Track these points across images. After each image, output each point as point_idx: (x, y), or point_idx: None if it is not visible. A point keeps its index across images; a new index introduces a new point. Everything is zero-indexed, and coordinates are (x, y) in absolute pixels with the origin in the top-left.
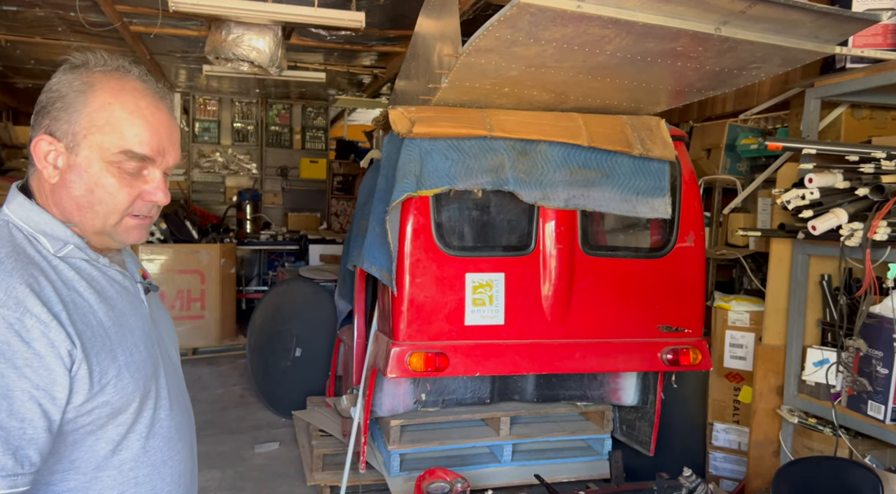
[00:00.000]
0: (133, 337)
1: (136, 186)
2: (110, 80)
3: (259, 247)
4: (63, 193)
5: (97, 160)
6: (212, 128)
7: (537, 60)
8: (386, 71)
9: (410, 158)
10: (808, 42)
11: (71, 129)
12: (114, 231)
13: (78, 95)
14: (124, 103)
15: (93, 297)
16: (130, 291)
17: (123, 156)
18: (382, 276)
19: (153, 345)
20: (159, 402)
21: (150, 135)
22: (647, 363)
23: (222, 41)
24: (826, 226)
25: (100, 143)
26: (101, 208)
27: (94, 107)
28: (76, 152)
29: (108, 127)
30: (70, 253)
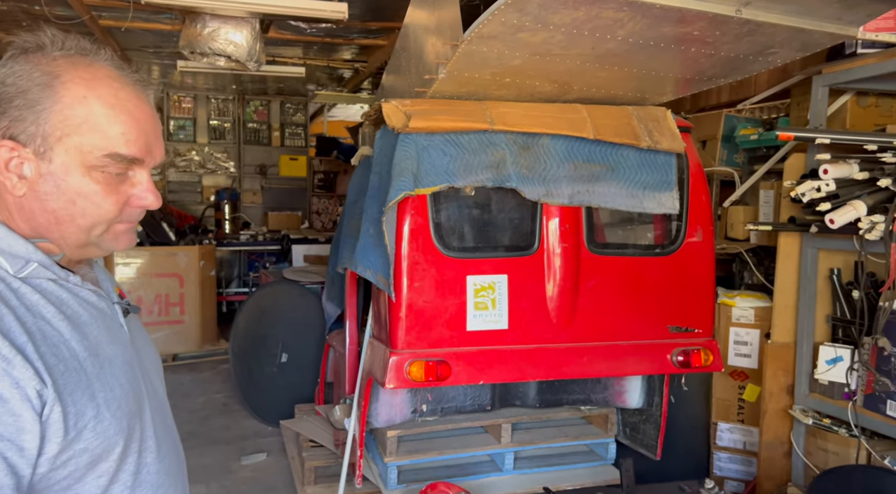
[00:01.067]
0: (112, 369)
1: (123, 191)
2: (78, 67)
3: (239, 247)
4: (35, 207)
5: (76, 166)
6: (187, 126)
7: (543, 48)
8: (367, 65)
9: (406, 155)
10: (830, 24)
11: (39, 131)
12: (101, 240)
13: (42, 89)
14: (102, 96)
15: (63, 324)
16: (107, 314)
17: (109, 159)
18: (378, 281)
19: (136, 377)
20: (144, 444)
21: (136, 133)
22: (656, 365)
23: (197, 35)
24: (845, 219)
25: (78, 146)
26: (85, 220)
27: (67, 103)
28: (48, 158)
29: (87, 126)
30: (33, 273)
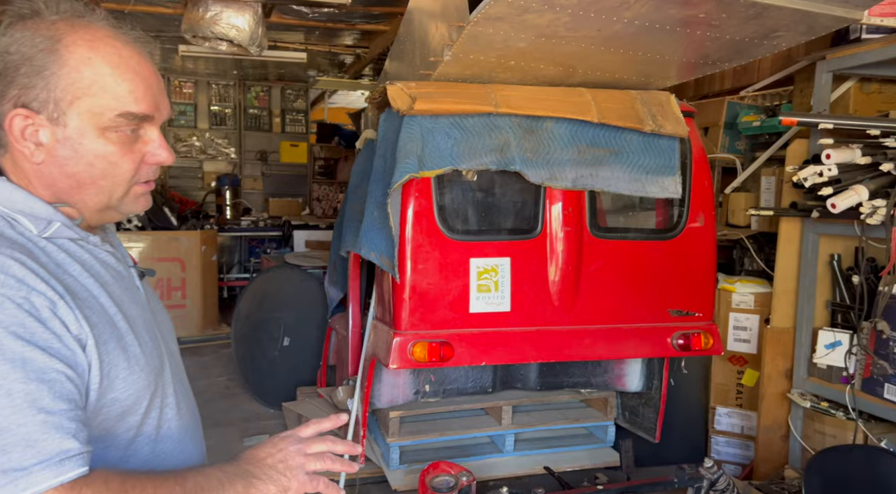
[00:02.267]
0: (136, 327)
1: (137, 150)
2: (78, 30)
3: (240, 233)
4: (55, 172)
5: (91, 128)
6: (188, 111)
7: (549, 30)
8: (369, 51)
9: (411, 137)
10: (837, 7)
11: (51, 97)
12: (120, 203)
13: (47, 54)
14: (106, 56)
15: (90, 281)
16: (125, 276)
17: (122, 119)
18: (383, 263)
19: (156, 337)
20: (166, 400)
21: (144, 90)
22: (657, 348)
23: (200, 19)
24: (847, 204)
25: (90, 109)
26: (106, 182)
27: (73, 66)
28: (63, 123)
29: (96, 87)
30: (57, 233)
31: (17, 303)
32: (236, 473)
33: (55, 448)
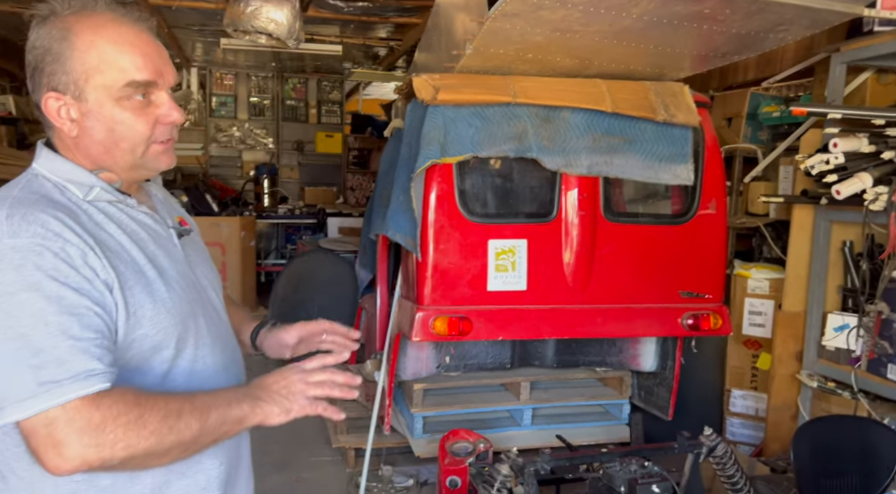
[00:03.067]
0: (166, 277)
1: (150, 113)
2: (83, 18)
3: (277, 220)
4: (87, 141)
5: (106, 99)
6: (228, 102)
7: (563, 24)
8: (402, 43)
9: (434, 125)
10: (837, 2)
11: (71, 79)
12: (144, 161)
13: (62, 43)
14: (107, 36)
15: (124, 238)
16: (162, 235)
17: (129, 88)
18: (406, 243)
19: (189, 287)
20: (200, 341)
21: (143, 60)
22: (667, 328)
23: (241, 13)
24: (850, 191)
25: (102, 83)
26: (126, 143)
27: (82, 49)
28: (84, 98)
29: (104, 64)
30: (98, 196)
31: (55, 252)
32: (244, 395)
33: (82, 367)
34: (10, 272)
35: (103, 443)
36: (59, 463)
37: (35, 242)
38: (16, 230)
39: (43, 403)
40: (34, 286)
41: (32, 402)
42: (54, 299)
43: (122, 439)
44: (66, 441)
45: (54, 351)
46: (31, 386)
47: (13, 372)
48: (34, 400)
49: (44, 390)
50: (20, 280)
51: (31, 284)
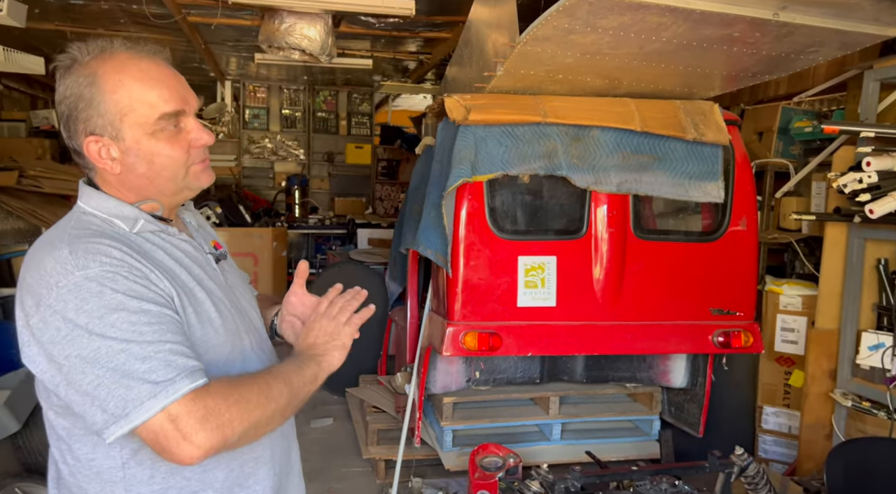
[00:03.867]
0: (213, 298)
1: (183, 139)
2: (105, 61)
3: (308, 230)
4: (131, 177)
5: (142, 135)
6: (261, 115)
7: (593, 48)
8: (431, 56)
9: (465, 145)
10: (868, 25)
11: (107, 120)
12: (187, 182)
13: (91, 89)
14: (132, 74)
15: (172, 263)
16: (201, 259)
17: (162, 120)
18: (437, 259)
19: (231, 307)
20: (246, 358)
21: (169, 92)
22: (697, 345)
23: (275, 30)
24: (884, 210)
25: (136, 120)
26: (168, 172)
27: (111, 91)
28: (122, 137)
29: (135, 102)
30: (143, 228)
31: (125, 276)
32: (304, 358)
33: (185, 364)
34: (92, 300)
35: (222, 424)
36: (192, 452)
37: (105, 270)
38: (84, 263)
39: (163, 401)
40: (119, 306)
41: (153, 403)
42: (140, 313)
43: (237, 417)
44: (192, 430)
45: (158, 355)
46: (148, 389)
47: (126, 383)
48: (154, 401)
49: (160, 389)
50: (104, 304)
51: (116, 305)
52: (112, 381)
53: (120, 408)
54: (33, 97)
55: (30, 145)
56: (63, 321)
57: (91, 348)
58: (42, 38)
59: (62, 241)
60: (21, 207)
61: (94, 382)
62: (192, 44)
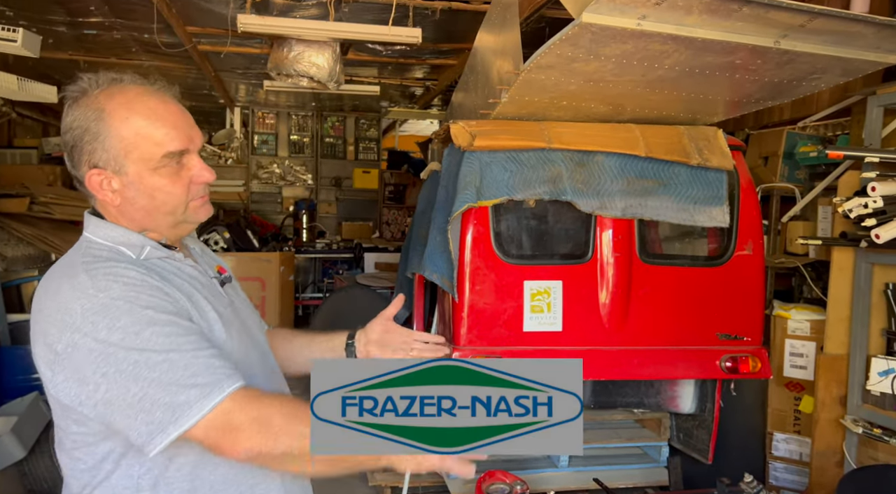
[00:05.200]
0: (223, 321)
1: (184, 176)
2: (114, 95)
3: (315, 255)
4: (129, 209)
5: (144, 171)
6: (269, 140)
7: (596, 75)
8: (438, 83)
9: (471, 170)
10: (869, 53)
11: (111, 155)
12: (186, 217)
13: (98, 123)
14: (139, 111)
15: (185, 285)
16: (208, 285)
17: (166, 158)
18: (443, 283)
19: (241, 330)
20: (255, 380)
21: (175, 131)
22: (705, 370)
23: (284, 58)
24: (890, 235)
25: (140, 157)
26: (167, 207)
27: (117, 127)
28: (124, 172)
29: (140, 138)
30: (149, 254)
31: (149, 293)
32: None
33: (224, 367)
34: (124, 317)
35: (269, 432)
36: (236, 446)
37: (128, 289)
38: (105, 285)
39: (214, 399)
40: (151, 321)
41: (205, 402)
42: (172, 325)
43: (284, 432)
44: (241, 426)
45: (197, 361)
46: (196, 392)
47: (173, 390)
48: (205, 400)
49: (209, 390)
50: (137, 320)
51: (148, 320)
52: (158, 390)
53: (169, 414)
54: (45, 124)
55: (41, 172)
56: (95, 342)
57: (129, 362)
58: (55, 67)
59: (76, 270)
60: (32, 233)
61: (137, 394)
62: (202, 72)
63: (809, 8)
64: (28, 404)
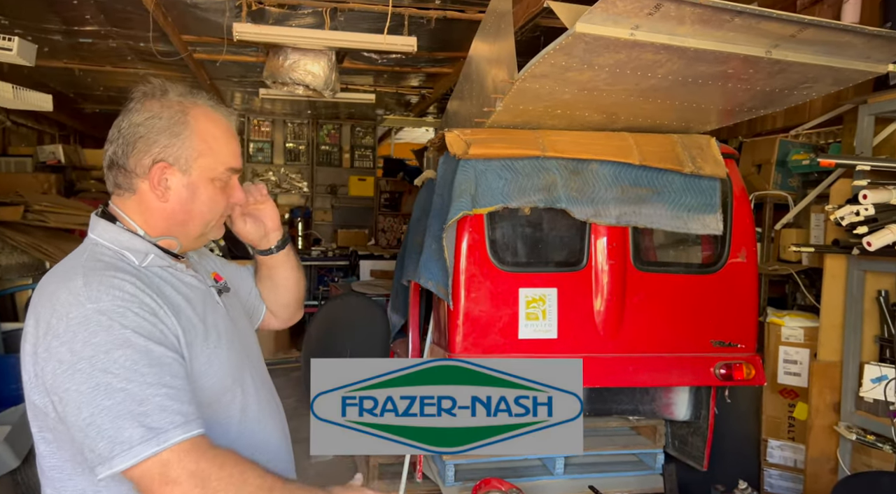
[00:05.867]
0: (217, 331)
1: (227, 193)
2: (196, 106)
3: (311, 262)
4: (176, 208)
5: (205, 178)
6: (265, 148)
7: (590, 84)
8: (433, 91)
9: (466, 178)
10: (860, 62)
11: (184, 154)
12: (210, 231)
13: (178, 124)
14: (218, 126)
15: (179, 298)
16: (206, 294)
17: (229, 172)
18: (438, 291)
19: (234, 340)
20: (247, 390)
21: (237, 151)
22: (699, 377)
23: (279, 66)
24: (882, 243)
25: (207, 164)
26: (209, 216)
27: (198, 133)
28: (189, 173)
29: (213, 149)
30: (152, 263)
31: (135, 312)
32: None
33: (181, 411)
34: (101, 333)
35: (206, 490)
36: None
37: (117, 304)
38: (97, 295)
39: (154, 447)
40: (125, 343)
41: (143, 448)
42: (144, 352)
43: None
44: (178, 479)
45: (154, 399)
46: (140, 433)
47: (120, 424)
48: (144, 446)
49: (152, 435)
50: (111, 339)
51: (123, 341)
52: (106, 421)
53: (108, 450)
54: (40, 133)
55: (36, 180)
56: (69, 352)
57: (90, 384)
58: (50, 75)
59: (76, 273)
60: (26, 242)
61: (87, 419)
62: (197, 80)
63: (800, 18)
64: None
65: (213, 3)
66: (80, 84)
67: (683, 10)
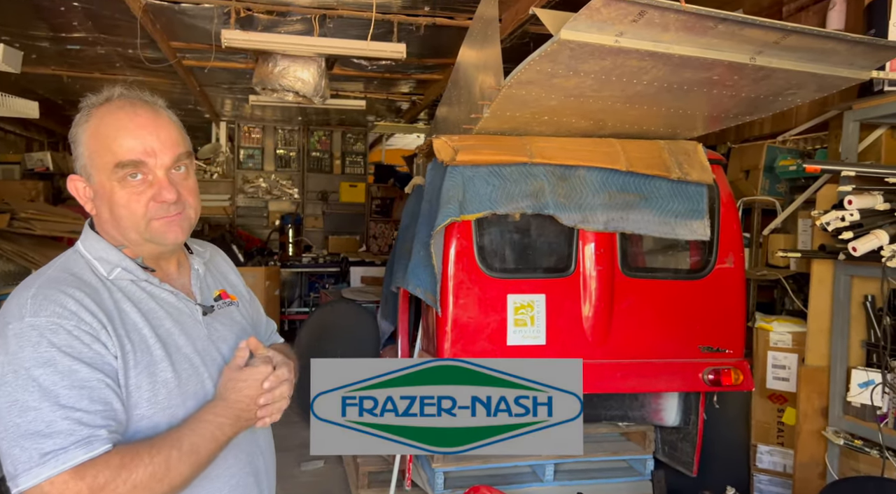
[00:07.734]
0: (177, 357)
1: (145, 193)
2: (101, 108)
3: (301, 269)
4: (100, 219)
5: (106, 181)
6: (256, 154)
7: (576, 91)
8: (423, 97)
9: (454, 184)
10: (843, 69)
11: (82, 163)
12: (151, 236)
13: (79, 132)
14: (107, 122)
15: (138, 316)
16: (184, 312)
17: (119, 168)
18: (427, 297)
19: (208, 363)
20: None
21: (133, 141)
22: (688, 383)
23: (269, 73)
24: (867, 248)
25: (101, 166)
26: (126, 222)
27: (89, 135)
28: (92, 180)
29: (101, 148)
30: (118, 276)
31: (68, 330)
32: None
33: (88, 434)
34: (27, 349)
35: None
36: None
37: (51, 321)
38: (37, 309)
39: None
40: (49, 362)
41: (39, 470)
42: (67, 373)
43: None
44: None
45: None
46: (38, 456)
47: (23, 444)
48: (40, 469)
49: (49, 458)
50: (36, 356)
51: (46, 360)
52: (12, 438)
53: (12, 469)
54: (28, 140)
55: (23, 187)
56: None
57: (8, 399)
58: (38, 82)
59: (34, 283)
60: (11, 249)
61: (1, 434)
62: (187, 86)
63: (783, 25)
64: None
65: (202, 10)
66: (69, 91)
67: (667, 16)
